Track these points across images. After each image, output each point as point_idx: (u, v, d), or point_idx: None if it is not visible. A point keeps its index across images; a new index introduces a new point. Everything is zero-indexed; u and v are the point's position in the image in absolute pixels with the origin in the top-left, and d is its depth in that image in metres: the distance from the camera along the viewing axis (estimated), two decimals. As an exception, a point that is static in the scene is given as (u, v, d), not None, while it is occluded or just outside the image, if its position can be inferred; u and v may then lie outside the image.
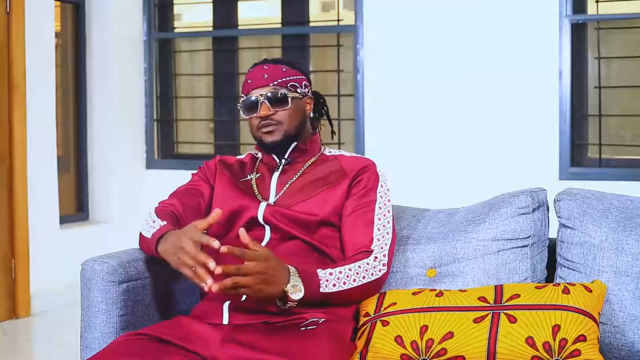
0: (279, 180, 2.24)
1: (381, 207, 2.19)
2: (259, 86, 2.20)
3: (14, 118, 4.43)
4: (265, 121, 2.19)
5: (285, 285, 1.92)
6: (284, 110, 2.20)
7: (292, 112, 2.22)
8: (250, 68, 2.28)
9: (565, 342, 1.88)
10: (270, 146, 2.22)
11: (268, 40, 5.54)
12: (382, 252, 2.13)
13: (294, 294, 1.93)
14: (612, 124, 4.63)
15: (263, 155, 2.31)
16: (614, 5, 4.53)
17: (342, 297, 2.05)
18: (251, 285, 1.87)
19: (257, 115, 2.20)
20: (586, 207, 2.18)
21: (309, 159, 2.27)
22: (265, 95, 2.19)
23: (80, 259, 2.21)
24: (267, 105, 2.18)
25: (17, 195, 4.46)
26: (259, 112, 2.19)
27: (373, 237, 2.14)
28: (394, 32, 4.76)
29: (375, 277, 2.10)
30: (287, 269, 1.94)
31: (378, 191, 2.20)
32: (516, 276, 2.20)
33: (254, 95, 2.20)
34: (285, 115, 2.20)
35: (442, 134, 4.67)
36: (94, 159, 5.24)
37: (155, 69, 5.48)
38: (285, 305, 1.95)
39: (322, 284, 1.99)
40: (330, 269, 2.03)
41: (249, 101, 2.21)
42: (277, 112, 2.19)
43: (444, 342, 1.94)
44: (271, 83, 2.20)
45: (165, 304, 2.22)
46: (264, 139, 2.22)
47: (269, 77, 2.20)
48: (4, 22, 4.40)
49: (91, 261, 2.12)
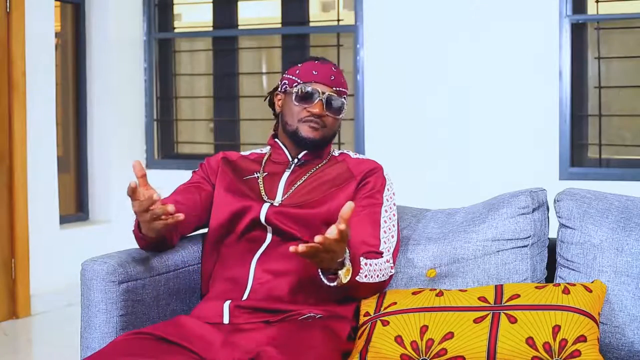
0: (288, 180, 2.23)
1: (387, 210, 2.19)
2: (323, 82, 2.20)
3: (14, 118, 4.43)
4: (316, 118, 2.19)
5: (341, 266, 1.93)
6: (334, 117, 2.22)
7: (337, 122, 2.25)
8: (314, 60, 2.26)
9: (565, 343, 1.88)
10: (304, 141, 2.21)
11: (268, 40, 5.54)
12: (389, 254, 2.15)
13: (344, 277, 1.95)
14: (612, 124, 4.63)
15: (272, 152, 2.30)
16: (614, 5, 4.53)
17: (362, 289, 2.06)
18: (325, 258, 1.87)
19: (309, 109, 2.19)
20: (586, 207, 2.18)
21: (320, 162, 2.27)
22: (326, 94, 2.19)
23: (80, 259, 2.21)
24: (324, 105, 2.19)
25: (17, 195, 4.46)
26: (313, 107, 2.18)
27: (381, 240, 2.15)
28: (394, 32, 4.76)
29: (385, 278, 2.13)
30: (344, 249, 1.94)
31: (384, 194, 2.20)
32: (516, 276, 2.20)
33: (317, 88, 2.19)
34: (333, 122, 2.22)
35: (442, 134, 4.67)
36: (94, 159, 5.24)
37: (155, 69, 5.48)
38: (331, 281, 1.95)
39: (359, 272, 2.01)
40: (364, 259, 2.05)
41: (309, 91, 2.19)
42: (328, 117, 2.20)
43: (444, 342, 1.93)
44: (335, 87, 2.21)
45: (165, 304, 2.22)
46: (302, 132, 2.20)
47: (335, 80, 2.21)
48: (4, 22, 4.40)
49: (91, 261, 2.12)
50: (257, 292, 2.07)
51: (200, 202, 2.24)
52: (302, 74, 2.22)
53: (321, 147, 2.25)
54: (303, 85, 2.20)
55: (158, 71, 5.51)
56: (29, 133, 4.51)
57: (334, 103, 2.20)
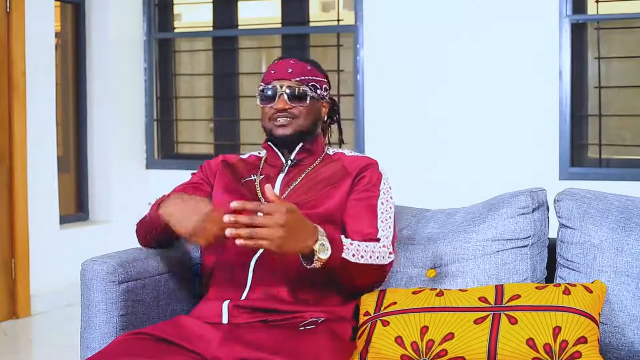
0: (283, 182, 2.23)
1: (383, 202, 2.18)
2: (281, 78, 2.21)
3: (14, 118, 4.43)
4: (282, 113, 2.20)
5: (314, 243, 1.90)
6: (301, 106, 2.21)
7: (309, 110, 2.23)
8: (276, 60, 2.28)
9: (566, 344, 1.87)
10: (280, 139, 2.22)
11: (268, 40, 5.54)
12: (387, 241, 2.13)
13: (321, 253, 1.91)
14: (612, 124, 4.63)
15: (268, 155, 2.30)
16: (614, 5, 4.53)
17: (355, 271, 2.03)
18: (269, 237, 1.81)
19: (274, 107, 2.20)
20: (586, 207, 2.18)
21: (314, 161, 2.27)
22: (285, 88, 2.20)
23: (80, 259, 2.21)
24: (286, 98, 2.19)
25: (17, 195, 4.46)
26: (276, 104, 2.20)
27: (378, 228, 2.14)
28: (394, 32, 4.76)
29: (384, 262, 2.09)
30: (315, 228, 1.92)
31: (380, 187, 2.20)
32: (516, 276, 2.20)
33: (275, 85, 2.21)
34: (302, 111, 2.21)
35: (442, 134, 4.67)
36: (94, 159, 5.24)
37: (155, 69, 5.48)
38: (310, 264, 1.93)
39: (344, 249, 1.97)
40: (349, 239, 2.03)
41: (269, 90, 2.21)
42: (294, 107, 2.20)
43: (445, 343, 1.93)
44: (294, 78, 2.21)
45: (165, 304, 2.22)
46: (274, 131, 2.22)
47: (293, 72, 2.21)
48: (4, 22, 4.40)
49: (91, 261, 2.12)
50: (256, 292, 2.07)
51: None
52: (264, 77, 2.26)
53: (302, 139, 2.24)
54: (264, 87, 2.23)
55: (158, 71, 5.51)
56: (29, 133, 4.51)
57: (294, 93, 2.20)
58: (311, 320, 2.02)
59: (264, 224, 1.80)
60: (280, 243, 1.82)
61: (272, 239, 1.81)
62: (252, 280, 2.09)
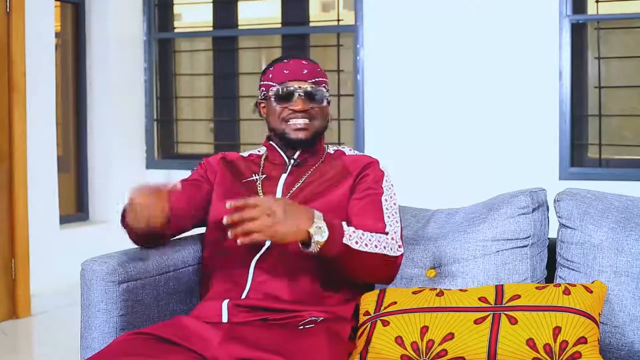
0: (286, 182, 2.23)
1: (387, 199, 2.17)
2: (297, 79, 2.19)
3: (14, 118, 4.43)
4: (300, 114, 2.18)
5: (310, 226, 1.89)
6: (318, 107, 2.20)
7: (324, 111, 2.23)
8: (281, 60, 2.26)
9: (566, 344, 1.87)
10: (296, 143, 2.21)
11: (268, 40, 5.54)
12: (396, 235, 2.11)
13: (317, 235, 1.90)
14: (612, 124, 4.63)
15: (269, 154, 2.30)
16: (614, 5, 4.53)
17: (359, 260, 2.00)
18: (258, 228, 1.83)
19: (290, 107, 2.19)
20: (586, 207, 2.18)
21: (317, 161, 2.26)
22: (303, 89, 2.18)
23: (80, 259, 2.21)
24: (304, 99, 2.18)
25: (17, 195, 4.46)
26: (294, 105, 2.18)
27: (385, 222, 2.12)
28: (394, 32, 4.76)
29: (393, 254, 2.06)
30: (310, 212, 1.92)
31: (383, 184, 2.19)
32: (516, 276, 2.20)
33: (292, 86, 2.19)
34: (318, 112, 2.21)
35: (442, 134, 4.67)
36: (94, 159, 5.24)
37: (155, 69, 5.48)
38: (308, 248, 1.92)
39: (346, 235, 1.96)
40: (353, 228, 2.02)
41: (286, 91, 2.19)
42: (313, 109, 2.19)
43: (445, 343, 1.93)
44: (310, 79, 2.20)
45: (165, 304, 2.22)
46: (289, 134, 2.20)
47: (308, 73, 2.20)
48: (4, 22, 4.40)
49: (91, 261, 2.12)
50: (256, 291, 2.07)
51: (196, 199, 2.23)
52: (275, 77, 2.23)
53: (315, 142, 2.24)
54: (280, 87, 2.20)
55: (158, 71, 5.51)
56: (29, 133, 4.51)
57: (314, 95, 2.19)
58: (310, 320, 2.02)
59: (251, 215, 1.83)
60: (271, 232, 1.85)
61: (262, 229, 1.84)
62: (253, 279, 2.09)
